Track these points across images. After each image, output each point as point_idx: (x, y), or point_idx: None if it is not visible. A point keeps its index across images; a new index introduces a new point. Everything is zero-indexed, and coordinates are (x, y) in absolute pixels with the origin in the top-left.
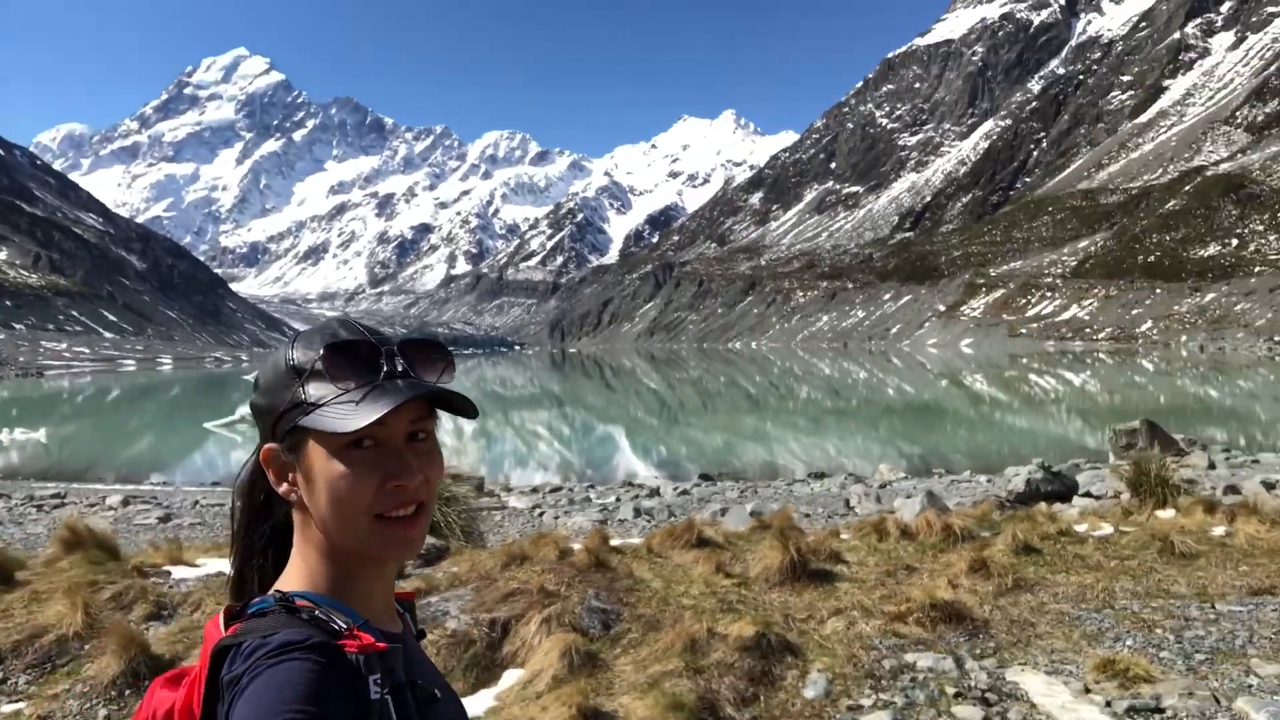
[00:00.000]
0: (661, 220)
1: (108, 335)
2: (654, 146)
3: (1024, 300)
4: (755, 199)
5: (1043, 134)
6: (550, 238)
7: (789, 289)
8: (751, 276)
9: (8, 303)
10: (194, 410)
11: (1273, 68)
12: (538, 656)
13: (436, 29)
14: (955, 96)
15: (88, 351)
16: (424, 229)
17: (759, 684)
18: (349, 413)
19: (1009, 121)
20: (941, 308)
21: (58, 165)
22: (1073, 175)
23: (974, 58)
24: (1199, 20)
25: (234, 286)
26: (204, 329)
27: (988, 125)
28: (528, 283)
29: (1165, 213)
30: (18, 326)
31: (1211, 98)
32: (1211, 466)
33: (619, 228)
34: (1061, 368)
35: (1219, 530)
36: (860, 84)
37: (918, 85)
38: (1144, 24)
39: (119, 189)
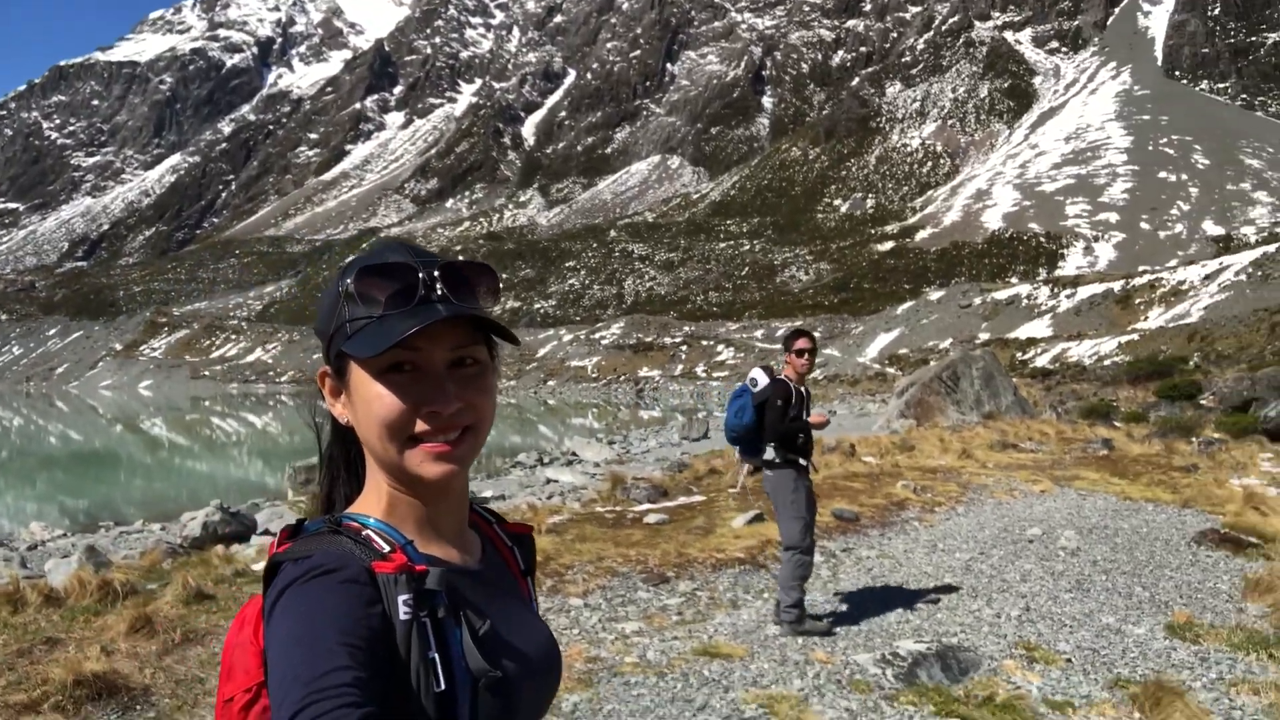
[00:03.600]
0: None
1: None
2: None
3: (209, 341)
4: None
5: (232, 176)
6: None
7: None
8: None
9: None
10: None
11: (433, 151)
12: None
13: None
14: (140, 123)
15: None
16: None
17: None
18: (378, 335)
19: (198, 158)
20: (118, 346)
21: None
22: (260, 221)
23: (162, 86)
24: (376, 96)
25: None
26: None
27: (175, 159)
28: None
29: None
30: None
31: (386, 168)
32: None
33: None
34: (245, 410)
35: None
36: (25, 87)
37: (97, 103)
38: (330, 89)
39: None
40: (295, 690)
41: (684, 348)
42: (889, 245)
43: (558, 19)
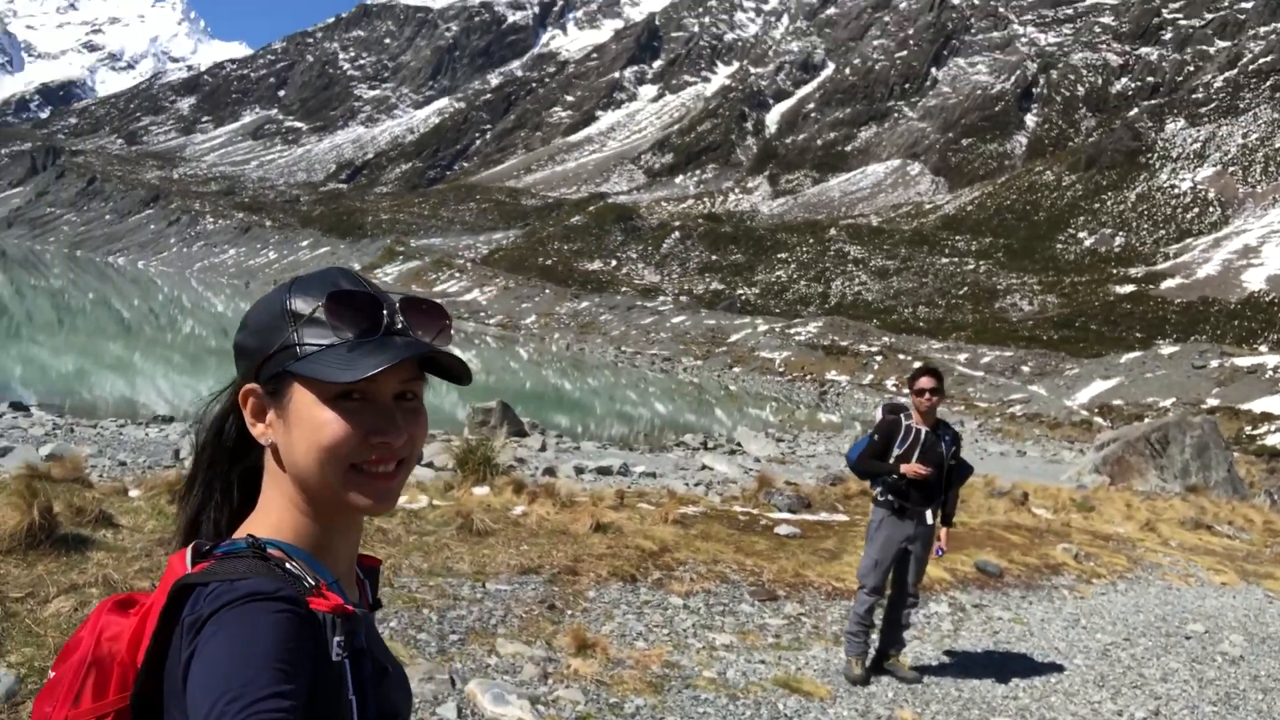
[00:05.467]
0: (60, 95)
1: None
2: (73, 6)
3: (434, 275)
4: (185, 104)
5: (489, 126)
6: None
7: (199, 211)
8: (158, 187)
9: None
10: None
11: (675, 127)
12: None
13: None
14: (421, 65)
15: None
16: None
17: None
18: (345, 363)
19: (463, 105)
20: (357, 266)
21: None
22: (504, 171)
23: (447, 33)
24: (635, 68)
25: None
26: None
27: (443, 102)
28: None
29: (569, 225)
30: None
31: (629, 137)
32: (543, 449)
33: None
34: (453, 346)
35: (519, 509)
36: (332, 20)
37: (388, 41)
38: (595, 55)
39: None
40: (232, 711)
41: (879, 357)
42: (1129, 289)
43: (830, 10)
